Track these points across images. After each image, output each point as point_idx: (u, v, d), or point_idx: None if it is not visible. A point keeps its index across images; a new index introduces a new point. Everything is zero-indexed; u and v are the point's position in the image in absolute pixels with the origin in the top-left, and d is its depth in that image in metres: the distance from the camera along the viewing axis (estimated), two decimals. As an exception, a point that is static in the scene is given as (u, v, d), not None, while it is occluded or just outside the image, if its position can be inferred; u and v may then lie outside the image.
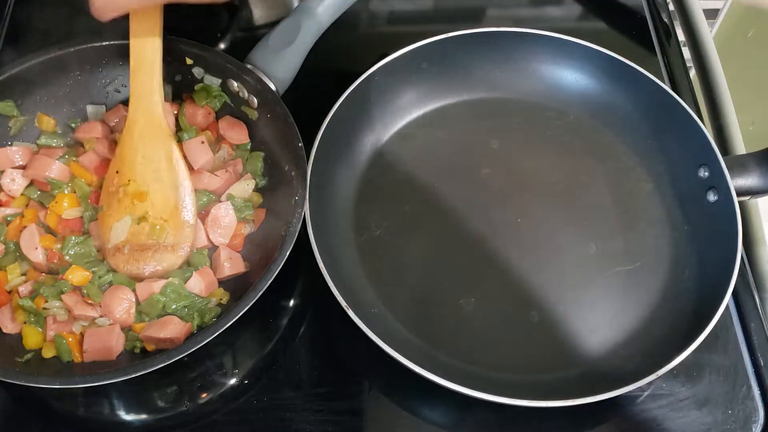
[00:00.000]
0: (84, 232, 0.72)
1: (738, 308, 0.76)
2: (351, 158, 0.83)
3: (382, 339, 0.64)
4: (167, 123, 0.74)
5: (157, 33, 0.72)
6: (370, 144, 0.85)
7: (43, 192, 0.75)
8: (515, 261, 0.78)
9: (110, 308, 0.68)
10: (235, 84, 0.78)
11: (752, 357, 0.73)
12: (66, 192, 0.74)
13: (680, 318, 0.72)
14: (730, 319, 0.75)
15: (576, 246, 0.79)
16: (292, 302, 0.77)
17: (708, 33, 0.99)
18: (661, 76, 0.94)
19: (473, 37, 0.86)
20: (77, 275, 0.68)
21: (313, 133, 0.77)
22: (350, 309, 0.66)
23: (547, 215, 0.81)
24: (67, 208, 0.72)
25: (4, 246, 0.72)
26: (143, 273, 0.70)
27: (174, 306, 0.68)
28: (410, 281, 0.76)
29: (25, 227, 0.72)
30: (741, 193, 0.75)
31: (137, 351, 0.68)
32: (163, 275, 0.70)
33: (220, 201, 0.75)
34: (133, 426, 0.69)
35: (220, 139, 0.79)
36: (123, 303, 0.68)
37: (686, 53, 0.99)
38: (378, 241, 0.79)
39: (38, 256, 0.70)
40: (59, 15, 0.97)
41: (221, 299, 0.71)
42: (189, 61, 0.79)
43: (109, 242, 0.71)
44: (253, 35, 0.99)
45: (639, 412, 0.69)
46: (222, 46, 0.96)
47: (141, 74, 0.73)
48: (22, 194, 0.75)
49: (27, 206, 0.75)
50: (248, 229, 0.75)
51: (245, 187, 0.76)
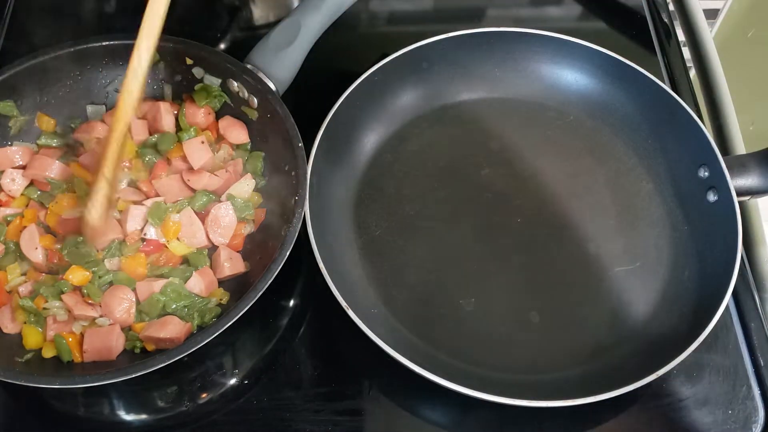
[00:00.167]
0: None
1: (738, 308, 0.76)
2: (351, 158, 0.83)
3: (382, 339, 0.64)
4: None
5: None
6: (370, 144, 0.85)
7: (43, 192, 0.75)
8: (515, 261, 0.78)
9: (110, 308, 0.68)
10: (235, 84, 0.78)
11: (752, 357, 0.73)
12: (66, 192, 0.74)
13: (680, 318, 0.72)
14: (730, 319, 0.75)
15: (576, 246, 0.79)
16: (292, 302, 0.77)
17: (708, 33, 0.99)
18: (661, 76, 0.94)
19: (473, 37, 0.86)
20: (77, 275, 0.68)
21: (313, 133, 0.77)
22: (350, 309, 0.66)
23: (547, 215, 0.81)
24: (67, 208, 0.72)
25: (4, 246, 0.72)
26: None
27: (174, 306, 0.68)
28: (410, 281, 0.76)
29: (25, 227, 0.72)
30: (741, 193, 0.75)
31: (137, 351, 0.68)
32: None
33: (220, 201, 0.75)
34: (133, 426, 0.69)
35: (220, 139, 0.79)
36: (123, 303, 0.68)
37: (686, 53, 0.99)
38: (378, 241, 0.79)
39: (38, 256, 0.70)
40: (59, 15, 0.97)
41: (221, 299, 0.71)
42: (189, 61, 0.79)
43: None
44: (253, 35, 0.99)
45: (639, 412, 0.69)
46: (222, 46, 0.96)
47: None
48: (22, 194, 0.75)
49: (27, 206, 0.75)
50: (248, 229, 0.75)
51: (245, 187, 0.76)
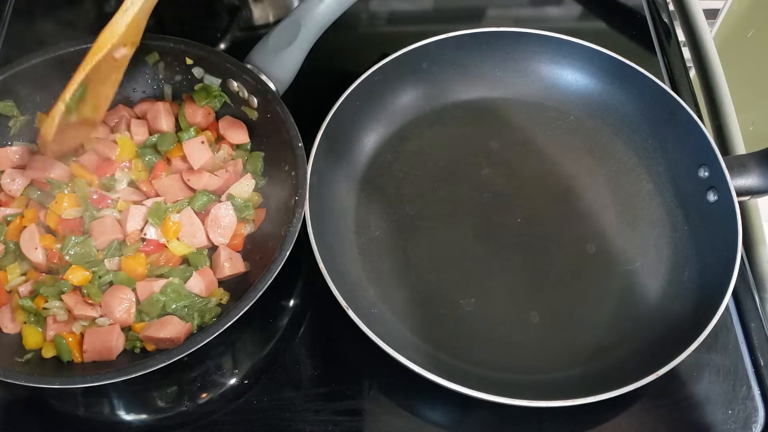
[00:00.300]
0: (84, 232, 0.72)
1: (738, 308, 0.76)
2: (351, 158, 0.83)
3: (382, 339, 0.64)
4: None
5: None
6: (370, 144, 0.85)
7: (43, 192, 0.75)
8: (515, 261, 0.78)
9: (110, 308, 0.68)
10: (235, 84, 0.78)
11: (752, 357, 0.73)
12: (66, 192, 0.74)
13: (680, 318, 0.72)
14: (730, 319, 0.75)
15: (576, 246, 0.79)
16: (292, 302, 0.77)
17: (708, 33, 0.99)
18: (661, 76, 0.94)
19: (473, 37, 0.86)
20: (77, 275, 0.68)
21: (313, 133, 0.77)
22: (350, 309, 0.66)
23: (547, 215, 0.81)
24: (67, 208, 0.72)
25: (4, 246, 0.72)
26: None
27: (174, 306, 0.68)
28: (410, 281, 0.76)
29: (25, 227, 0.72)
30: (741, 193, 0.75)
31: (137, 351, 0.68)
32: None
33: (220, 201, 0.75)
34: (133, 426, 0.69)
35: (220, 139, 0.79)
36: (123, 303, 0.68)
37: (686, 53, 0.99)
38: (378, 241, 0.79)
39: (38, 256, 0.70)
40: (59, 15, 0.97)
41: (221, 299, 0.71)
42: (189, 61, 0.79)
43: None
44: (253, 35, 0.99)
45: (639, 412, 0.69)
46: (222, 46, 0.96)
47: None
48: (22, 194, 0.75)
49: (27, 206, 0.75)
50: (248, 229, 0.75)
51: (245, 187, 0.76)
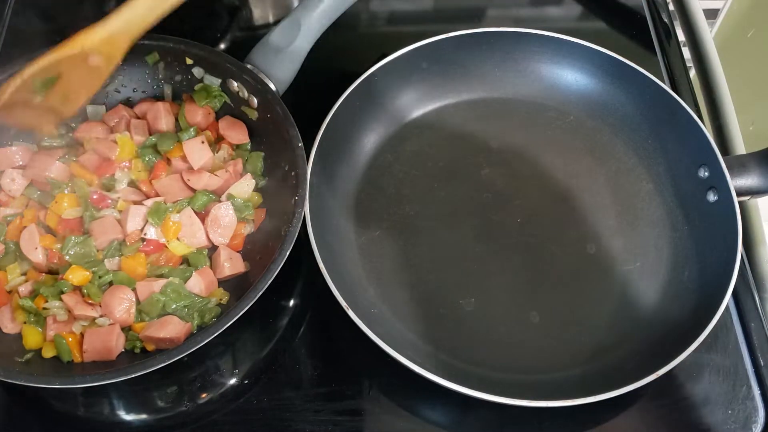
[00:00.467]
0: (84, 232, 0.72)
1: (738, 308, 0.76)
2: (351, 158, 0.83)
3: (382, 339, 0.64)
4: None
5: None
6: (370, 144, 0.85)
7: (43, 192, 0.75)
8: (515, 261, 0.78)
9: (110, 308, 0.68)
10: (235, 84, 0.78)
11: (752, 357, 0.73)
12: (66, 192, 0.74)
13: (680, 318, 0.72)
14: (730, 319, 0.75)
15: (576, 246, 0.79)
16: (292, 302, 0.76)
17: (708, 33, 0.99)
18: (661, 76, 0.94)
19: (473, 37, 0.86)
20: (77, 275, 0.68)
21: (313, 133, 0.77)
22: (350, 309, 0.66)
23: (547, 215, 0.81)
24: (67, 208, 0.72)
25: (4, 246, 0.72)
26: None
27: (174, 306, 0.68)
28: (410, 281, 0.76)
29: (25, 227, 0.72)
30: (741, 193, 0.75)
31: (137, 351, 0.68)
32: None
33: (220, 201, 0.75)
34: (133, 426, 0.69)
35: (220, 139, 0.79)
36: (123, 303, 0.68)
37: (686, 53, 0.99)
38: (378, 241, 0.79)
39: (38, 256, 0.70)
40: (59, 15, 0.97)
41: (221, 299, 0.71)
42: (189, 61, 0.79)
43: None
44: (253, 35, 0.99)
45: (639, 412, 0.69)
46: (222, 46, 0.96)
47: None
48: (22, 194, 0.75)
49: (27, 206, 0.75)
50: (248, 229, 0.75)
51: (245, 187, 0.76)
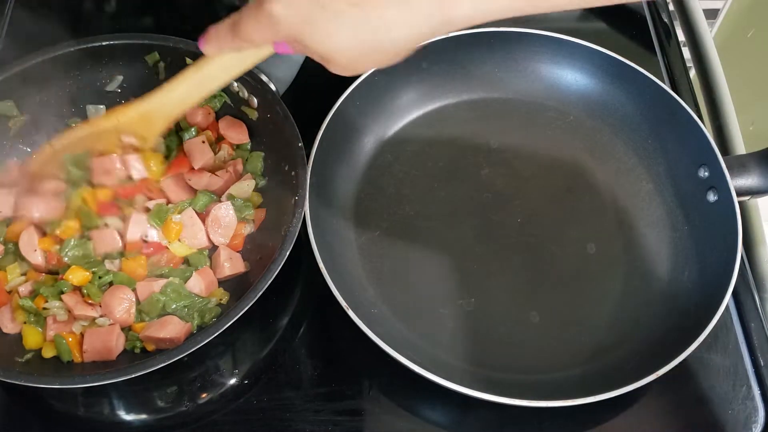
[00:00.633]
0: (83, 235, 0.72)
1: (738, 308, 0.76)
2: (351, 158, 0.83)
3: (382, 339, 0.64)
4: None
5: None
6: (370, 144, 0.85)
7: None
8: (515, 261, 0.78)
9: (110, 308, 0.68)
10: (235, 84, 0.78)
11: (752, 357, 0.73)
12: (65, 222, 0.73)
13: (680, 318, 0.72)
14: (730, 319, 0.75)
15: (576, 246, 0.79)
16: (292, 302, 0.76)
17: (708, 33, 0.98)
18: (661, 76, 0.94)
19: (473, 37, 0.86)
20: (77, 275, 0.68)
21: (313, 133, 0.77)
22: (350, 309, 0.66)
23: (547, 215, 0.81)
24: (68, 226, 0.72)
25: (4, 247, 0.72)
26: None
27: (174, 306, 0.68)
28: (410, 281, 0.76)
29: (24, 229, 0.72)
30: (741, 193, 0.75)
31: (137, 351, 0.68)
32: None
33: (220, 201, 0.75)
34: (133, 426, 0.69)
35: (220, 139, 0.79)
36: (123, 303, 0.68)
37: (686, 53, 0.99)
38: (378, 241, 0.79)
39: (37, 258, 0.70)
40: (59, 15, 0.97)
41: (221, 299, 0.71)
42: (189, 61, 0.79)
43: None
44: (253, 35, 0.99)
45: (639, 412, 0.69)
46: (222, 46, 0.96)
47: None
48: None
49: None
50: (248, 229, 0.75)
51: (245, 187, 0.76)
